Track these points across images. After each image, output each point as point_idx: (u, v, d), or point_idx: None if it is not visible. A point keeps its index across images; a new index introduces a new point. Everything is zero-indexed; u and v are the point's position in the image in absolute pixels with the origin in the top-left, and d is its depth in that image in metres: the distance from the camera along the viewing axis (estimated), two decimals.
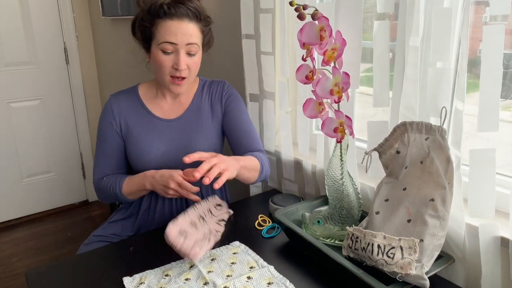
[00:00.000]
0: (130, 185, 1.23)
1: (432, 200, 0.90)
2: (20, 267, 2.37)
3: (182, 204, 1.33)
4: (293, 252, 1.08)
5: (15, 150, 2.75)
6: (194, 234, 1.00)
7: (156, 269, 1.00)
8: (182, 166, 1.27)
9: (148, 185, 1.19)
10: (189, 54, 1.16)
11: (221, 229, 1.07)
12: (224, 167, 1.00)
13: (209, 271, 0.98)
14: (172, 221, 1.00)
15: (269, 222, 1.23)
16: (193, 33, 1.15)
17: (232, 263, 1.02)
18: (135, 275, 0.98)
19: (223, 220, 1.11)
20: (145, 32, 1.18)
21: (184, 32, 1.13)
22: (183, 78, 1.18)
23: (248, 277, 0.96)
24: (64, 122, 2.90)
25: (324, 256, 0.96)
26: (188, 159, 1.00)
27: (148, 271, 0.99)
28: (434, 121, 0.98)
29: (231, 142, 1.32)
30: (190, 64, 1.17)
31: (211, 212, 1.12)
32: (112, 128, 1.26)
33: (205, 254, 1.00)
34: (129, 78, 1.32)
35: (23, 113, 2.73)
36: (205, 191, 1.36)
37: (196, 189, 1.14)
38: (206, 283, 0.94)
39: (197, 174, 0.97)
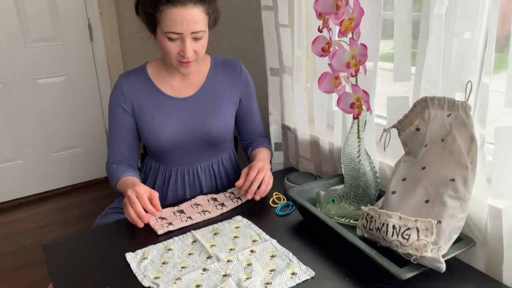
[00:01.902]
0: (122, 185, 1.21)
1: (453, 180, 0.85)
2: (49, 238, 2.46)
3: (195, 184, 1.33)
4: (306, 231, 1.06)
5: (43, 126, 2.82)
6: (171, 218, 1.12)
7: (158, 244, 1.01)
8: (196, 145, 1.28)
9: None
10: (195, 39, 1.14)
11: (198, 217, 1.12)
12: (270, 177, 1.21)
13: (212, 245, 0.99)
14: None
15: (283, 200, 1.21)
16: (197, 19, 1.11)
17: (235, 237, 1.02)
18: (138, 250, 0.98)
19: (206, 211, 1.15)
20: (149, 18, 1.14)
21: (189, 20, 1.09)
22: (190, 61, 1.16)
23: (252, 251, 0.96)
24: (89, 98, 2.94)
25: (337, 235, 0.94)
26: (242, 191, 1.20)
27: (150, 246, 1.00)
28: (458, 96, 0.92)
29: (239, 125, 1.41)
30: (197, 48, 1.15)
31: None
32: (123, 108, 1.25)
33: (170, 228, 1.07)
34: (152, 53, 1.30)
35: (49, 89, 2.77)
36: (219, 179, 1.38)
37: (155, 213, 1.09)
38: (209, 257, 0.95)
39: (257, 197, 1.18)
